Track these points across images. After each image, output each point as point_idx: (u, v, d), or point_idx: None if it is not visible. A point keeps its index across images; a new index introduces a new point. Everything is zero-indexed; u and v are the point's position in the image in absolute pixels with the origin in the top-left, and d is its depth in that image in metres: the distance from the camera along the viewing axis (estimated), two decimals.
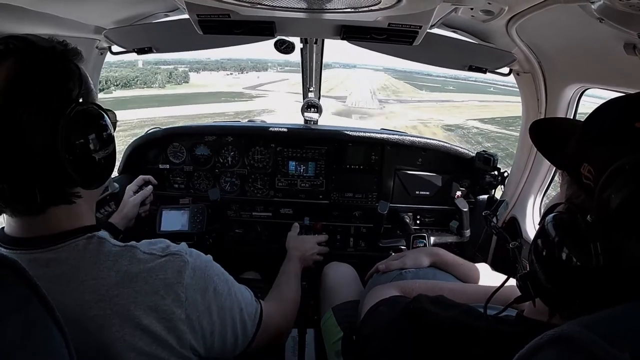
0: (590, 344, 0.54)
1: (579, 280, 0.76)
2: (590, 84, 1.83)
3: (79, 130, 0.99)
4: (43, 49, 0.98)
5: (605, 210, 0.70)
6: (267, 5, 1.41)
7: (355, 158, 2.83)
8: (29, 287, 0.74)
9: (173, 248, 1.12)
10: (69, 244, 1.02)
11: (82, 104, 1.00)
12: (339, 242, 2.96)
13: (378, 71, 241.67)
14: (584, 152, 0.82)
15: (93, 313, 0.97)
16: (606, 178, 0.70)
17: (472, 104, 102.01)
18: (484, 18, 1.65)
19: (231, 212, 2.88)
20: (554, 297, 0.85)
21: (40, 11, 1.47)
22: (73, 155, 0.96)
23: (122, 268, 1.02)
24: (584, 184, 0.79)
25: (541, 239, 0.85)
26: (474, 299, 1.36)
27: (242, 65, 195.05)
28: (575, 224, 0.78)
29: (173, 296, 1.04)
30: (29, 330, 0.71)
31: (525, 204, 2.40)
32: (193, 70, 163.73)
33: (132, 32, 2.02)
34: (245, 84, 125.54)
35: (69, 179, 0.98)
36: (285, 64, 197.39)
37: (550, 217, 0.85)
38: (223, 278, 1.21)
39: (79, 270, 1.00)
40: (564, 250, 0.78)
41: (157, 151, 2.79)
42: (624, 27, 1.19)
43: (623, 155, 0.70)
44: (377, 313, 1.38)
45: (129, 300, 0.99)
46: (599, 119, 0.85)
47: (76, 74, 1.02)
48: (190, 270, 1.09)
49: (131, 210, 2.17)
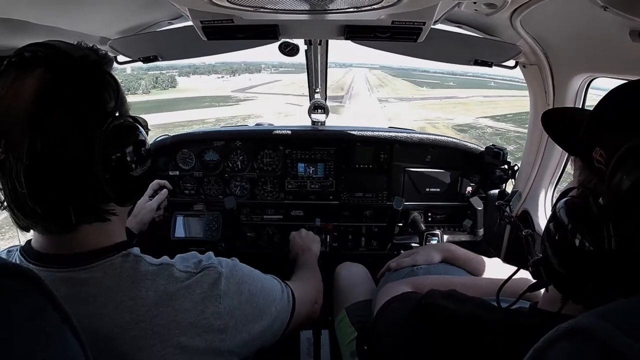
0: (604, 334, 0.54)
1: (591, 264, 0.76)
2: (597, 73, 1.82)
3: (116, 145, 0.94)
4: (74, 57, 0.92)
5: (616, 193, 0.70)
6: (270, 9, 1.42)
7: (364, 157, 2.83)
8: (44, 296, 0.73)
9: (205, 262, 1.10)
10: (104, 263, 0.99)
11: (118, 117, 0.96)
12: (351, 242, 2.96)
13: (374, 69, 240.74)
14: (595, 137, 0.82)
15: (133, 334, 0.94)
16: (617, 160, 0.70)
17: (477, 100, 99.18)
18: (488, 11, 1.64)
19: (242, 216, 2.89)
20: (567, 282, 0.84)
21: (43, 24, 1.48)
22: (110, 172, 0.93)
23: (160, 287, 0.99)
24: (596, 168, 0.79)
25: (554, 223, 0.85)
26: (486, 292, 1.36)
27: (234, 68, 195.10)
28: (587, 208, 0.78)
29: (212, 308, 1.03)
30: (44, 339, 0.71)
31: (536, 197, 2.38)
32: (183, 74, 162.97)
33: (137, 41, 2.04)
34: (235, 87, 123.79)
35: (105, 197, 0.95)
36: (279, 65, 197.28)
37: (562, 202, 0.85)
38: (252, 277, 1.20)
39: (116, 290, 0.97)
40: (576, 234, 0.78)
41: (167, 158, 2.81)
42: (628, 14, 1.18)
43: (633, 139, 0.69)
44: (389, 310, 1.38)
45: (169, 320, 0.97)
46: (609, 104, 0.85)
47: (111, 84, 0.97)
48: (225, 279, 1.08)
49: (147, 215, 2.17)
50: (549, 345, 0.61)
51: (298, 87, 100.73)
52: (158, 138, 2.85)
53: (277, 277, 1.37)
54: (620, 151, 0.69)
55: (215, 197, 2.83)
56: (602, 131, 0.81)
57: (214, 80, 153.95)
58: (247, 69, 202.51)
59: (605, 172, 0.73)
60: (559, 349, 0.60)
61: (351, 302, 1.96)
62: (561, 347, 0.60)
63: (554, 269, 0.85)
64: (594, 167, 0.80)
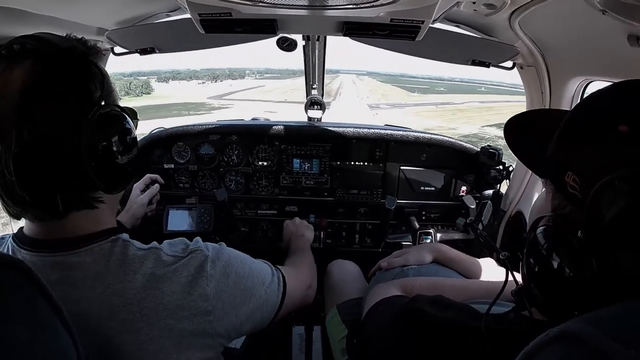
0: (595, 340, 0.53)
1: (574, 295, 0.75)
2: (594, 77, 1.82)
3: (102, 133, 0.96)
4: (62, 49, 0.94)
5: (596, 227, 0.69)
6: (268, 3, 1.41)
7: (359, 155, 2.83)
8: (36, 288, 0.74)
9: (192, 246, 1.12)
10: (93, 247, 1.01)
11: (104, 106, 0.98)
12: (345, 238, 2.98)
13: (362, 75, 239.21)
14: (566, 156, 0.80)
15: (121, 317, 0.96)
16: (594, 195, 0.68)
17: (474, 106, 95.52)
18: (487, 12, 1.64)
19: (236, 210, 2.89)
20: (551, 310, 0.84)
21: (41, 14, 1.47)
22: (96, 160, 0.94)
23: (148, 271, 1.01)
24: (570, 194, 0.77)
25: (532, 256, 0.84)
26: (476, 295, 1.36)
27: (216, 74, 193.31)
28: (565, 239, 0.76)
29: (199, 291, 1.05)
30: (36, 331, 0.71)
31: (531, 198, 2.39)
32: (162, 80, 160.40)
33: (134, 32, 2.03)
34: (212, 93, 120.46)
35: (92, 185, 0.97)
36: (265, 71, 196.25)
37: (540, 232, 0.83)
38: (240, 259, 1.22)
39: (105, 274, 0.98)
40: (556, 266, 0.76)
41: (162, 151, 2.80)
42: (627, 18, 1.19)
43: (608, 162, 0.68)
44: (377, 313, 1.38)
45: (156, 302, 0.99)
46: (580, 117, 0.82)
47: (98, 75, 0.99)
48: (211, 262, 1.10)
49: (138, 210, 2.17)
50: (539, 350, 0.61)
51: (281, 92, 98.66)
52: (154, 131, 2.84)
53: (268, 262, 1.38)
54: (596, 187, 0.68)
55: (210, 191, 2.82)
56: (572, 149, 0.79)
57: (193, 87, 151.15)
58: (230, 75, 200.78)
59: (580, 199, 0.72)
60: (548, 353, 0.60)
61: (342, 300, 1.96)
62: (551, 352, 0.60)
63: (536, 299, 0.85)
64: (568, 192, 0.77)
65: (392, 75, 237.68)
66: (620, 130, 0.70)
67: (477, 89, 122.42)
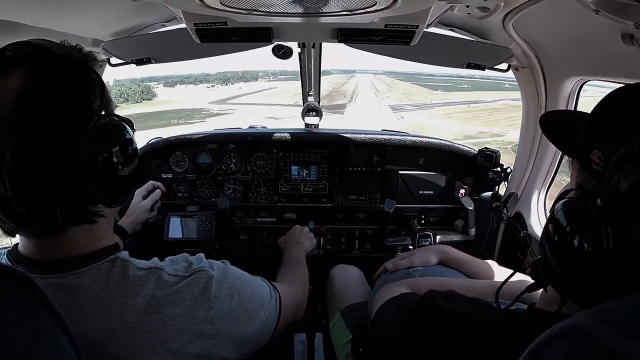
0: (601, 334, 0.54)
1: (590, 265, 0.76)
2: (589, 77, 1.83)
3: (103, 144, 0.91)
4: (58, 55, 0.88)
5: (614, 194, 0.70)
6: (263, 12, 1.42)
7: (357, 160, 2.83)
8: (37, 298, 0.72)
9: (196, 265, 1.08)
10: (92, 268, 0.96)
11: (104, 116, 0.93)
12: (344, 244, 2.96)
13: (378, 74, 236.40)
14: (593, 139, 0.83)
15: (122, 341, 0.93)
16: (614, 162, 0.70)
17: (509, 104, 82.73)
18: (480, 15, 1.65)
19: (236, 218, 2.89)
20: (566, 282, 0.85)
21: (36, 26, 1.47)
22: (97, 173, 0.89)
23: (149, 292, 0.98)
24: (594, 170, 0.79)
25: (552, 224, 0.85)
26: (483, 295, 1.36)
27: (227, 77, 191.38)
28: (585, 209, 0.78)
29: (202, 314, 1.02)
30: (37, 341, 0.69)
31: (529, 200, 2.39)
32: (169, 84, 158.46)
33: (130, 43, 2.03)
34: (218, 97, 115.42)
35: (92, 198, 0.92)
36: (280, 73, 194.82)
37: (560, 204, 0.85)
38: (243, 280, 1.19)
39: (104, 296, 0.95)
40: (575, 236, 0.78)
41: (160, 161, 2.80)
42: (620, 17, 1.19)
43: (631, 141, 0.70)
44: (388, 311, 1.38)
45: (158, 326, 0.96)
46: (607, 107, 0.86)
47: (96, 82, 0.93)
48: (216, 283, 1.07)
49: (140, 215, 2.16)
50: (545, 345, 0.62)
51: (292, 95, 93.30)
52: (151, 141, 2.83)
53: (265, 279, 1.37)
54: (617, 154, 0.70)
55: (209, 199, 2.81)
56: (599, 133, 0.82)
57: (200, 90, 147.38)
58: (242, 77, 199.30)
59: (602, 173, 0.74)
60: (555, 348, 0.60)
61: (346, 305, 1.95)
62: (557, 347, 0.60)
63: (552, 269, 0.85)
64: (592, 168, 0.80)
65: (410, 73, 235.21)
66: None
67: (501, 86, 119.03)
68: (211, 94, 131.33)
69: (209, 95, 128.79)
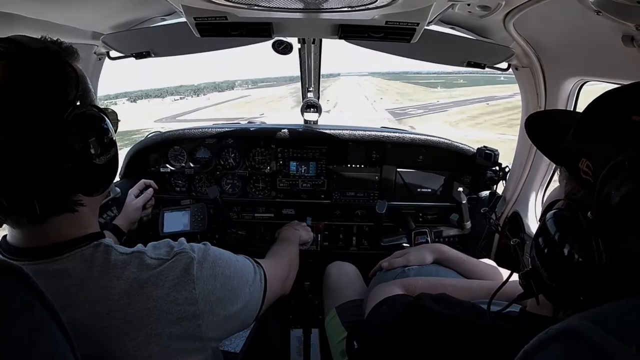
0: (595, 337, 0.54)
1: (582, 277, 0.75)
2: (589, 77, 1.82)
3: (78, 134, 0.93)
4: (34, 50, 0.92)
5: (605, 207, 0.69)
6: (264, 7, 1.41)
7: (356, 157, 2.83)
8: (33, 293, 0.74)
9: (177, 248, 1.11)
10: (75, 254, 0.99)
11: (79, 106, 0.95)
12: (342, 241, 2.97)
13: (364, 76, 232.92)
14: (582, 146, 0.81)
15: (106, 324, 0.95)
16: (605, 175, 0.69)
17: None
18: (481, 13, 1.64)
19: (233, 213, 2.89)
20: (557, 294, 0.84)
21: (37, 18, 1.47)
22: (73, 162, 0.92)
23: (132, 275, 1.00)
24: (583, 179, 0.78)
25: (542, 237, 0.84)
26: (477, 295, 1.36)
27: (199, 88, 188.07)
28: (575, 221, 0.77)
29: (185, 294, 1.03)
30: (33, 335, 0.71)
31: (527, 199, 2.39)
32: (131, 100, 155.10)
33: (130, 36, 2.02)
34: (172, 112, 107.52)
35: (71, 187, 0.95)
36: (261, 80, 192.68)
37: (550, 214, 0.84)
38: (225, 259, 1.21)
39: (88, 281, 0.97)
40: (565, 248, 0.77)
41: (158, 155, 2.80)
42: (621, 19, 1.19)
43: (621, 149, 0.69)
44: (380, 312, 1.38)
45: (141, 308, 0.98)
46: (596, 111, 0.84)
47: (71, 74, 0.96)
48: (197, 264, 1.08)
49: (133, 214, 2.18)
50: (540, 347, 0.62)
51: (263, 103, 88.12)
52: (150, 134, 2.83)
53: (249, 257, 1.38)
54: (607, 167, 0.68)
55: (206, 194, 2.82)
56: (588, 140, 0.81)
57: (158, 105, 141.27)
58: (216, 87, 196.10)
59: (592, 183, 0.73)
60: (549, 350, 0.60)
61: (341, 302, 1.96)
62: (552, 349, 0.60)
63: (543, 281, 0.85)
64: (581, 177, 0.79)
65: (395, 72, 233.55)
66: (634, 119, 0.72)
67: (497, 79, 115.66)
68: (169, 108, 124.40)
69: (167, 109, 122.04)
